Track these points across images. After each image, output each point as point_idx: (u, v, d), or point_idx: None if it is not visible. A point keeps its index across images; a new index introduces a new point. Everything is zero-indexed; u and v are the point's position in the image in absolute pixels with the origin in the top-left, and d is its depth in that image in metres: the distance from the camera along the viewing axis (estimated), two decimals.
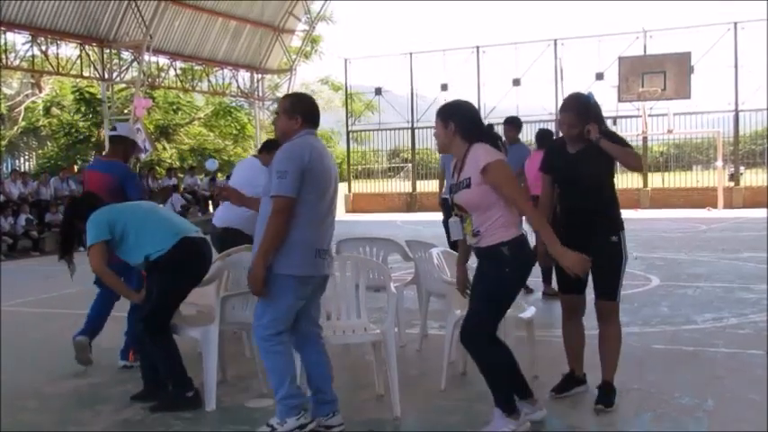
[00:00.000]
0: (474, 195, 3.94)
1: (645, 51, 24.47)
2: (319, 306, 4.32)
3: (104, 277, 4.83)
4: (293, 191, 3.87)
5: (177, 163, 29.62)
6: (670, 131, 24.68)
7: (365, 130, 30.47)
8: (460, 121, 4.02)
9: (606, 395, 4.48)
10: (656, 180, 26.04)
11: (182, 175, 23.52)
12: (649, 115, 24.38)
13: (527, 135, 24.09)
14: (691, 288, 8.78)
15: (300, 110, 4.10)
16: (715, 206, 22.94)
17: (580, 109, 4.47)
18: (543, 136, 8.55)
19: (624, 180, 25.18)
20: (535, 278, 8.74)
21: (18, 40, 21.81)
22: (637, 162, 4.59)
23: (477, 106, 19.36)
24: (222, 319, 4.87)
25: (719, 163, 24.06)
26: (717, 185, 23.83)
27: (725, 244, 13.22)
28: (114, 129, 6.34)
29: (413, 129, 28.16)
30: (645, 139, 25.50)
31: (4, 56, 20.55)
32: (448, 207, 9.38)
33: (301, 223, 3.92)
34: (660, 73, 22.74)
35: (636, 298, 8.09)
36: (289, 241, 3.91)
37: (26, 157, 31.49)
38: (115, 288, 5.00)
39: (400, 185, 29.29)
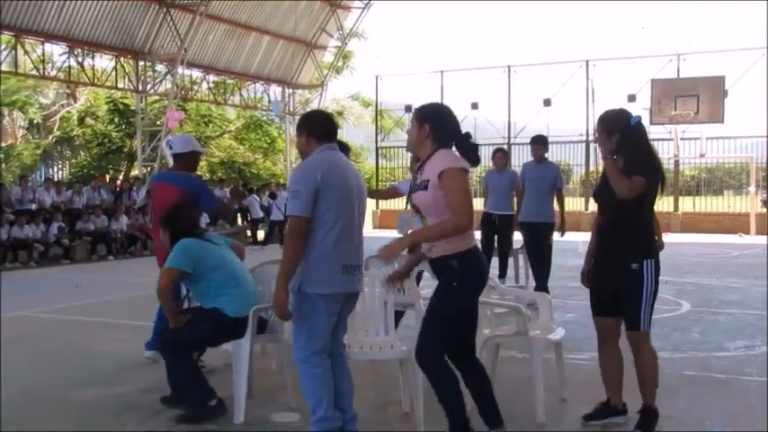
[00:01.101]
0: (429, 198, 3.85)
1: (678, 74, 24.28)
2: (346, 325, 4.29)
3: (163, 300, 4.92)
4: (306, 210, 3.83)
5: (207, 175, 29.83)
6: (702, 155, 24.40)
7: (394, 147, 30.49)
8: (434, 125, 3.94)
9: (644, 420, 4.40)
10: (687, 204, 25.75)
11: (212, 188, 23.70)
12: (681, 138, 24.14)
13: (557, 155, 24.07)
14: (722, 314, 8.64)
15: (307, 128, 4.09)
16: (747, 232, 22.61)
17: (603, 126, 4.40)
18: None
19: (655, 204, 24.90)
20: (578, 300, 8.65)
21: (55, 50, 22.20)
22: (621, 190, 4.26)
23: (507, 125, 19.15)
24: (252, 332, 4.87)
25: (752, 188, 23.74)
26: (749, 211, 23.50)
27: (757, 271, 13.00)
28: (171, 145, 6.32)
29: None
30: (676, 163, 25.24)
31: (41, 66, 20.90)
32: (490, 222, 9.44)
33: (324, 240, 3.88)
34: (693, 96, 22.51)
35: (666, 323, 7.97)
36: (313, 259, 3.87)
37: (60, 165, 31.92)
38: (168, 312, 4.98)
39: None
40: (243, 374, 4.77)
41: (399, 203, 29.14)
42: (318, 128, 4.10)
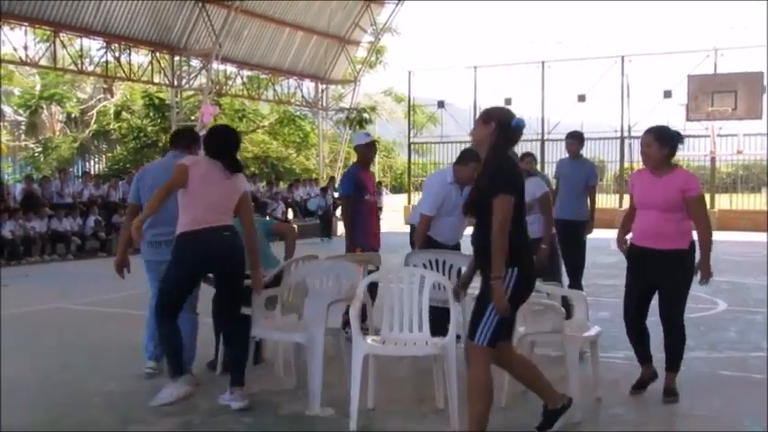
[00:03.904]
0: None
1: (715, 70, 23.92)
2: None
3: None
4: None
5: None
6: (740, 152, 24.04)
7: (427, 143, 30.46)
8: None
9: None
10: (723, 202, 25.39)
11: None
12: (718, 135, 23.80)
13: (591, 151, 23.85)
14: (760, 314, 8.52)
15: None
16: None
17: (482, 118, 4.20)
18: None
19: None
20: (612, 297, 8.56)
21: (93, 46, 22.47)
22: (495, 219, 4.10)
23: (541, 121, 19.08)
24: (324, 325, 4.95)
25: None
26: None
27: None
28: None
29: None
30: (713, 160, 24.91)
31: (79, 61, 21.21)
32: None
33: None
34: (731, 92, 22.19)
35: (702, 322, 7.89)
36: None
37: (96, 159, 32.34)
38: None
39: None
40: (318, 366, 4.79)
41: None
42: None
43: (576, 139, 8.62)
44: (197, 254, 4.88)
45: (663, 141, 4.99)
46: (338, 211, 24.05)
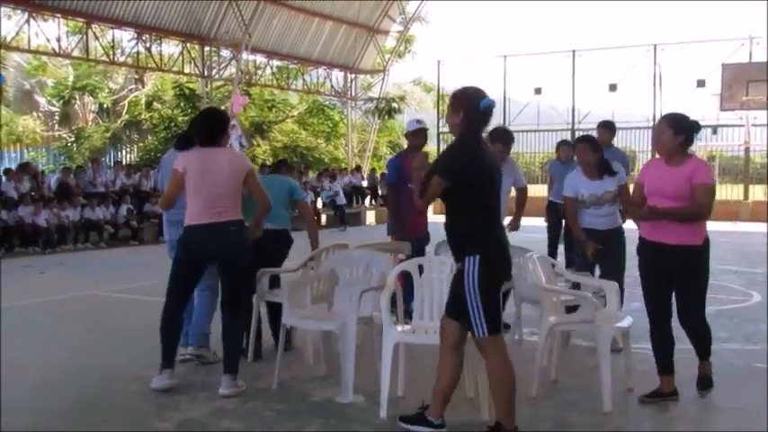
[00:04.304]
0: None
1: (750, 58, 23.53)
2: None
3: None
4: None
5: (270, 159, 30.20)
6: None
7: None
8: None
9: None
10: (757, 192, 25.00)
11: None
12: (753, 125, 23.46)
13: (623, 141, 23.59)
14: None
15: None
16: None
17: (452, 101, 4.17)
18: None
19: (723, 191, 24.34)
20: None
21: (124, 37, 22.68)
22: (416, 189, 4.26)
23: (571, 111, 19.03)
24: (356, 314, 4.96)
25: None
26: None
27: None
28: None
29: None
30: (747, 150, 24.55)
31: (111, 52, 21.41)
32: (555, 211, 9.41)
33: None
34: (766, 81, 21.84)
35: (736, 314, 7.80)
36: None
37: (128, 149, 32.64)
38: None
39: None
40: (351, 353, 4.81)
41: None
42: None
43: (607, 129, 8.52)
44: (198, 248, 4.99)
45: (677, 129, 4.71)
46: (366, 201, 24.11)
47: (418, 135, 7.12)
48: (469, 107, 4.02)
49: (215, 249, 4.96)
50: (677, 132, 4.70)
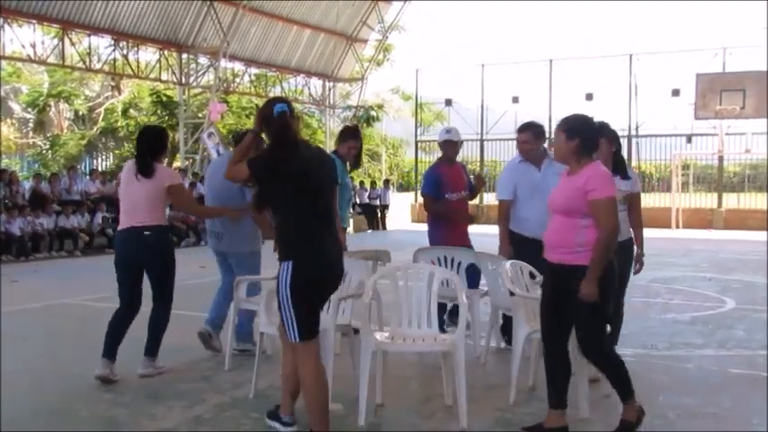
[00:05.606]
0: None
1: (724, 68, 23.84)
2: None
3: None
4: None
5: None
6: (747, 151, 23.99)
7: (434, 141, 30.27)
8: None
9: None
10: (731, 201, 25.31)
11: None
12: (726, 134, 23.73)
13: None
14: None
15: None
16: None
17: (258, 111, 4.22)
18: None
19: (697, 200, 24.63)
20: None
21: (101, 43, 22.53)
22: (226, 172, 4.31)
23: (548, 120, 19.18)
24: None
25: None
26: None
27: None
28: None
29: (482, 141, 28.02)
30: (720, 159, 24.83)
31: (87, 59, 21.27)
32: None
33: None
34: (739, 91, 22.14)
35: (711, 320, 7.88)
36: None
37: (104, 156, 32.43)
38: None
39: None
40: (329, 363, 4.72)
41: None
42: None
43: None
44: (120, 252, 5.58)
45: (570, 133, 4.25)
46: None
47: (448, 144, 7.06)
48: (265, 118, 4.08)
49: (133, 253, 5.49)
50: (570, 136, 4.25)
